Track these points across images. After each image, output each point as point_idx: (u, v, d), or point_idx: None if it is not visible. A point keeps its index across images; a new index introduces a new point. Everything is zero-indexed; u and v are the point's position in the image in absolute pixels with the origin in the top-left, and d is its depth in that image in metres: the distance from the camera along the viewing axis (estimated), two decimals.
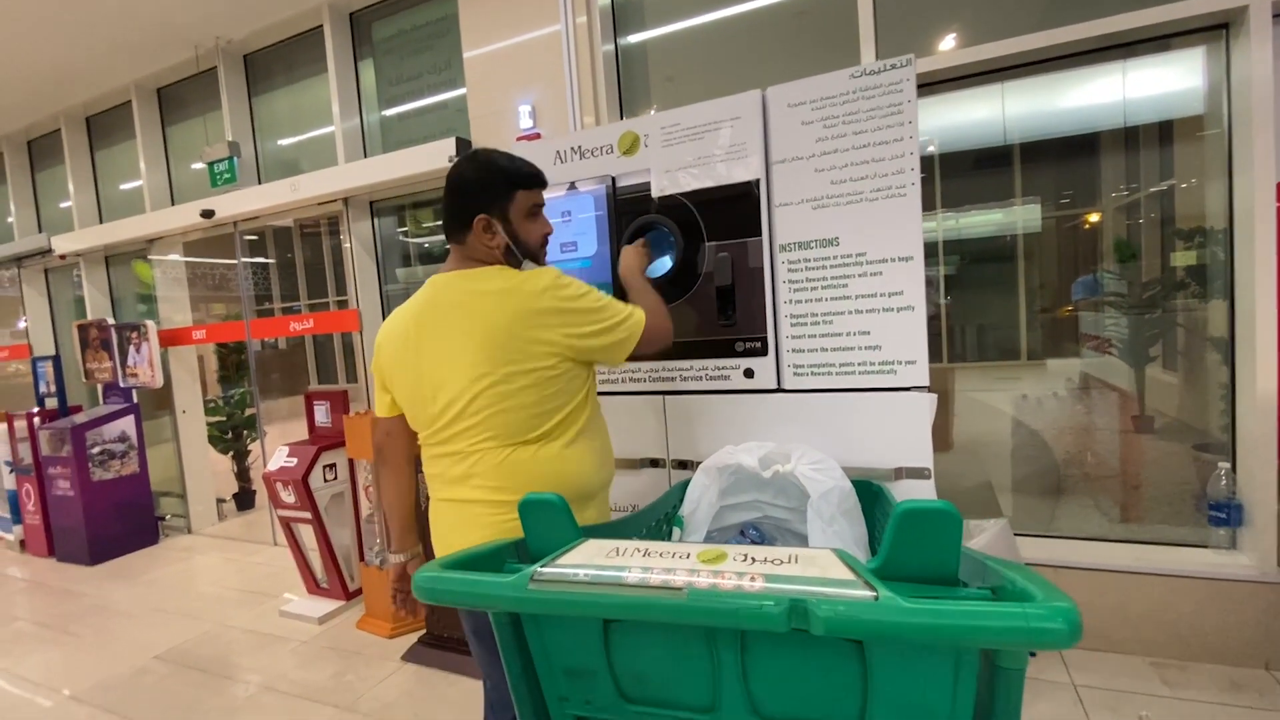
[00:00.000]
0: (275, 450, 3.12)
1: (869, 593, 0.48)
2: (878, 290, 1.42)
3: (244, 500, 5.00)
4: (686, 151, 1.58)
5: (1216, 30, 2.08)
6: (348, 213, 3.59)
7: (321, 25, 3.62)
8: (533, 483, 1.14)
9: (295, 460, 2.94)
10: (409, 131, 3.54)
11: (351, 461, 3.03)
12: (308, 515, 2.92)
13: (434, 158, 3.02)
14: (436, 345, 1.16)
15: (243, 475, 5.03)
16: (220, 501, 4.79)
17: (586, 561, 0.56)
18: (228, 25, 3.74)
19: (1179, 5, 2.00)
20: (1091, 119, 2.43)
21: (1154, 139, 2.41)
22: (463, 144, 3.02)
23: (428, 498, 1.29)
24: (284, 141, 4.06)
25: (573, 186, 1.72)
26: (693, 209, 1.59)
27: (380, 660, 2.53)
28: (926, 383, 1.41)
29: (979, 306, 2.87)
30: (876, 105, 1.39)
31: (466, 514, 1.18)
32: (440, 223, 3.77)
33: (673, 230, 1.60)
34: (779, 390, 1.55)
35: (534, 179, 1.26)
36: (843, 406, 1.48)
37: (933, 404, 1.40)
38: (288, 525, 3.06)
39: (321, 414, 3.17)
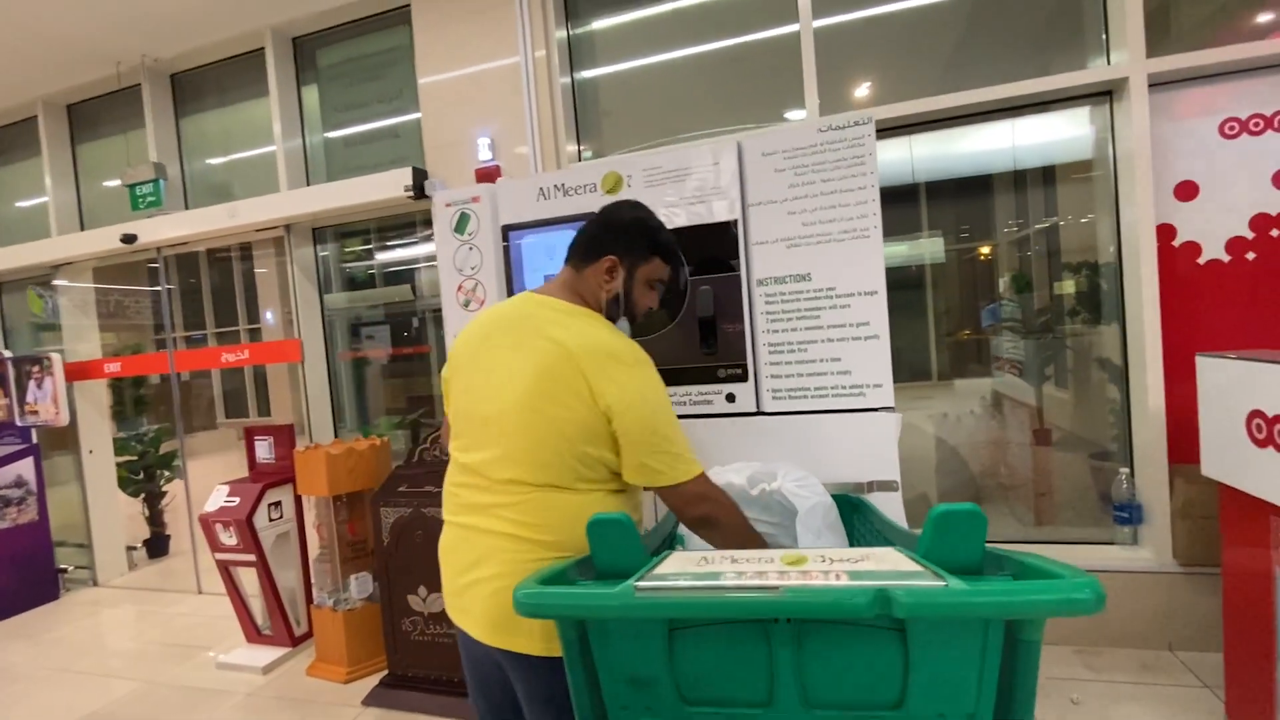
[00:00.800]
0: (213, 490, 2.94)
1: (938, 581, 0.58)
2: (847, 321, 1.57)
3: (157, 546, 4.60)
4: (668, 192, 1.70)
5: (1102, 95, 2.43)
6: (289, 238, 3.48)
7: (262, 49, 3.53)
8: (566, 525, 1.11)
9: (238, 499, 2.78)
10: (357, 159, 3.49)
11: (299, 499, 2.90)
12: (251, 557, 2.76)
13: (389, 186, 3.00)
14: (504, 355, 1.16)
15: (155, 519, 4.64)
16: (130, 549, 4.39)
17: (681, 570, 0.62)
18: (156, 44, 3.58)
19: (1075, 75, 2.33)
20: (989, 162, 2.75)
21: (1041, 181, 2.75)
22: (419, 174, 3.02)
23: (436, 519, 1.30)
24: (214, 163, 3.89)
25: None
26: None
27: (338, 707, 2.42)
28: (892, 404, 1.56)
29: (894, 331, 3.16)
30: (841, 156, 1.56)
31: (486, 545, 1.15)
32: (394, 244, 3.79)
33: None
34: (759, 413, 1.66)
35: (674, 256, 1.31)
36: (818, 427, 1.61)
37: (898, 423, 1.56)
38: (226, 569, 2.88)
39: (264, 449, 3.02)
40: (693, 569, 0.64)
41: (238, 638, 3.00)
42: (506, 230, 1.86)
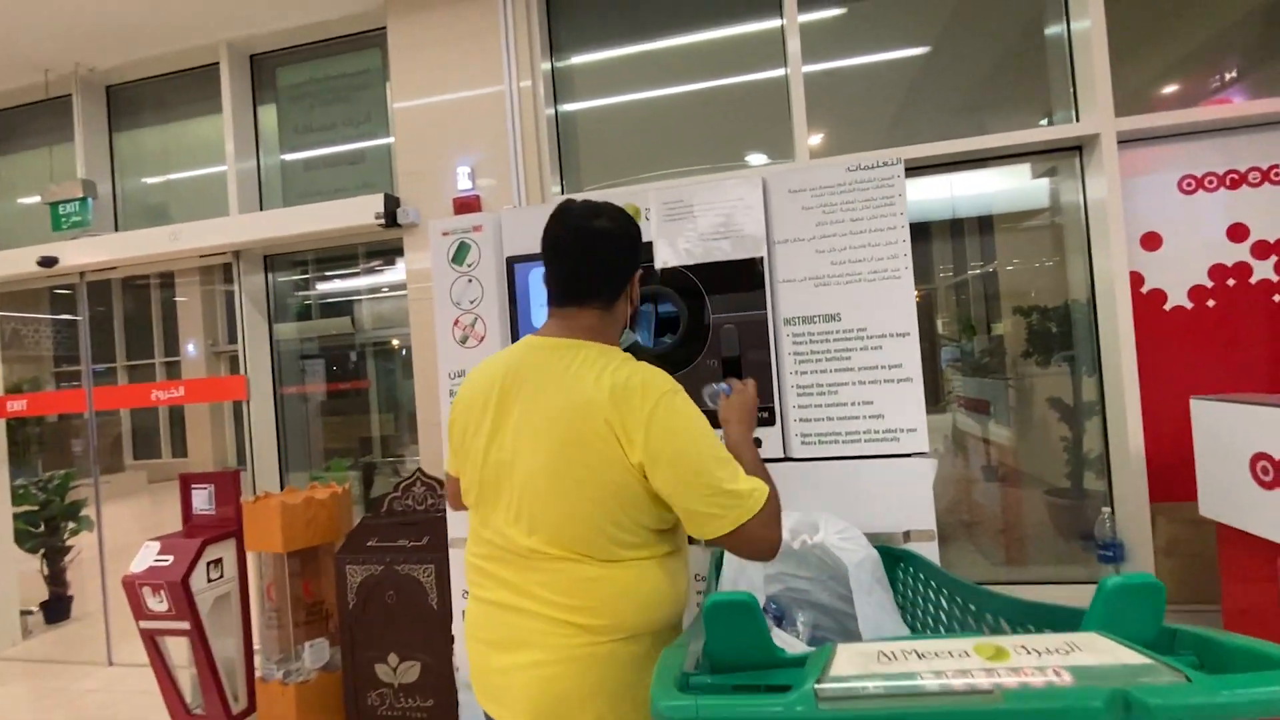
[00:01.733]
0: (131, 545, 2.58)
1: (1178, 676, 0.50)
2: (879, 363, 1.53)
3: (57, 610, 4.03)
4: (690, 227, 1.63)
5: (1071, 150, 2.56)
6: (238, 265, 3.21)
7: (212, 64, 3.31)
8: (611, 604, 1.00)
9: (171, 558, 2.45)
10: (316, 183, 3.28)
11: (243, 555, 2.59)
12: (184, 625, 2.42)
13: (358, 213, 2.81)
14: (523, 412, 1.03)
15: (56, 578, 4.08)
16: (25, 614, 3.82)
17: (866, 672, 0.52)
18: (92, 53, 3.29)
19: (1051, 129, 2.46)
20: (953, 208, 2.83)
21: (980, 230, 2.85)
22: (391, 201, 2.86)
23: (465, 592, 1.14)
24: (151, 182, 3.57)
25: None
26: (697, 281, 1.62)
27: None
28: (927, 449, 1.51)
29: None
30: (871, 197, 1.53)
31: (524, 627, 1.01)
32: (334, 274, 3.56)
33: (676, 303, 1.61)
34: (786, 459, 1.58)
35: None
36: (850, 473, 1.54)
37: (934, 469, 1.51)
38: (152, 639, 2.51)
39: (203, 499, 2.70)
40: (877, 668, 0.53)
41: (162, 717, 2.61)
42: (512, 262, 1.73)
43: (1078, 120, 2.52)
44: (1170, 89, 2.61)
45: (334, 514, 2.48)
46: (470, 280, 1.76)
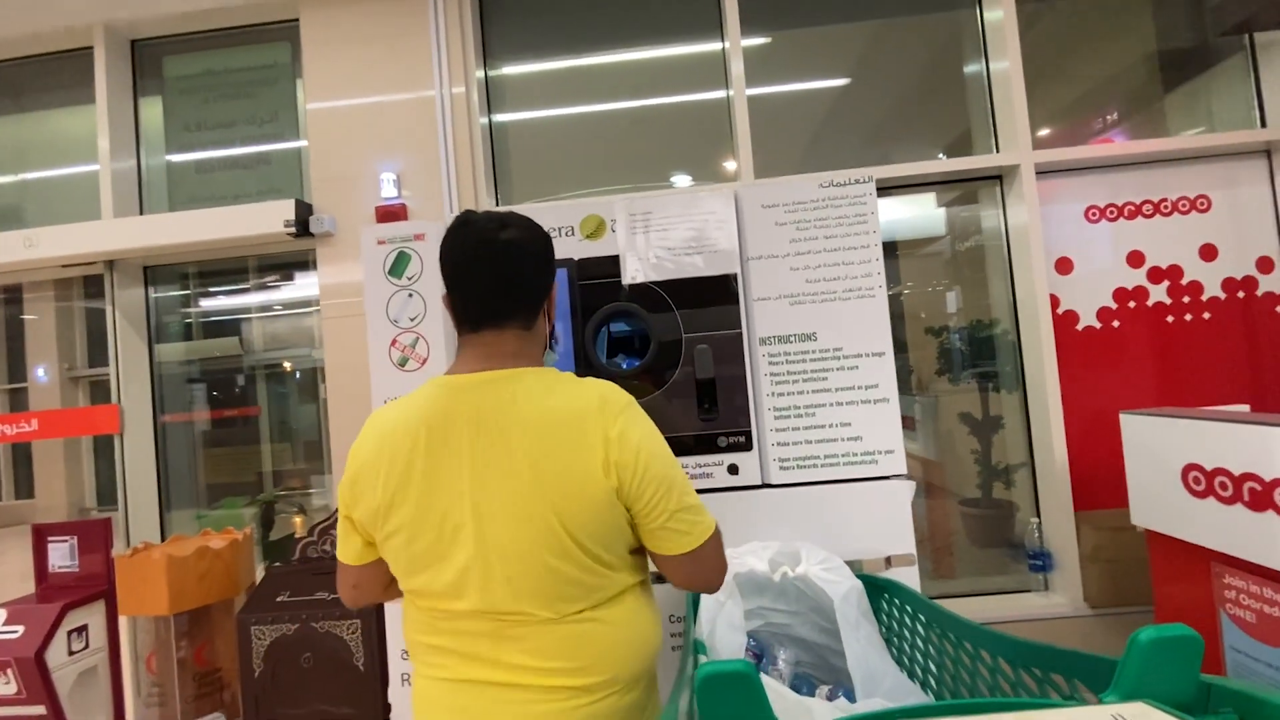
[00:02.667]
0: None
1: None
2: (856, 383, 1.48)
3: None
4: (659, 240, 1.53)
5: (992, 179, 2.71)
6: (111, 277, 2.78)
7: (81, 49, 2.88)
8: (612, 652, 0.91)
9: (21, 628, 2.01)
10: (213, 187, 2.92)
11: (115, 619, 2.19)
12: (39, 710, 1.99)
13: (264, 220, 2.51)
14: (478, 466, 0.87)
15: None
16: None
17: None
18: None
19: (973, 159, 2.59)
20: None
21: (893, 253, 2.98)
22: (303, 208, 2.57)
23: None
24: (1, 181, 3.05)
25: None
26: (667, 298, 1.52)
27: None
28: (905, 470, 1.48)
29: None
30: (844, 214, 1.51)
31: (506, 703, 0.88)
32: (219, 290, 3.17)
33: (645, 319, 1.50)
34: (765, 486, 1.50)
35: None
36: (829, 499, 1.48)
37: (912, 491, 1.48)
38: None
39: (62, 555, 2.26)
40: None
41: None
42: None
43: (998, 151, 2.68)
44: (1053, 130, 2.83)
45: (232, 565, 2.14)
46: (411, 295, 1.57)
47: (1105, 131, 2.93)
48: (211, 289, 3.16)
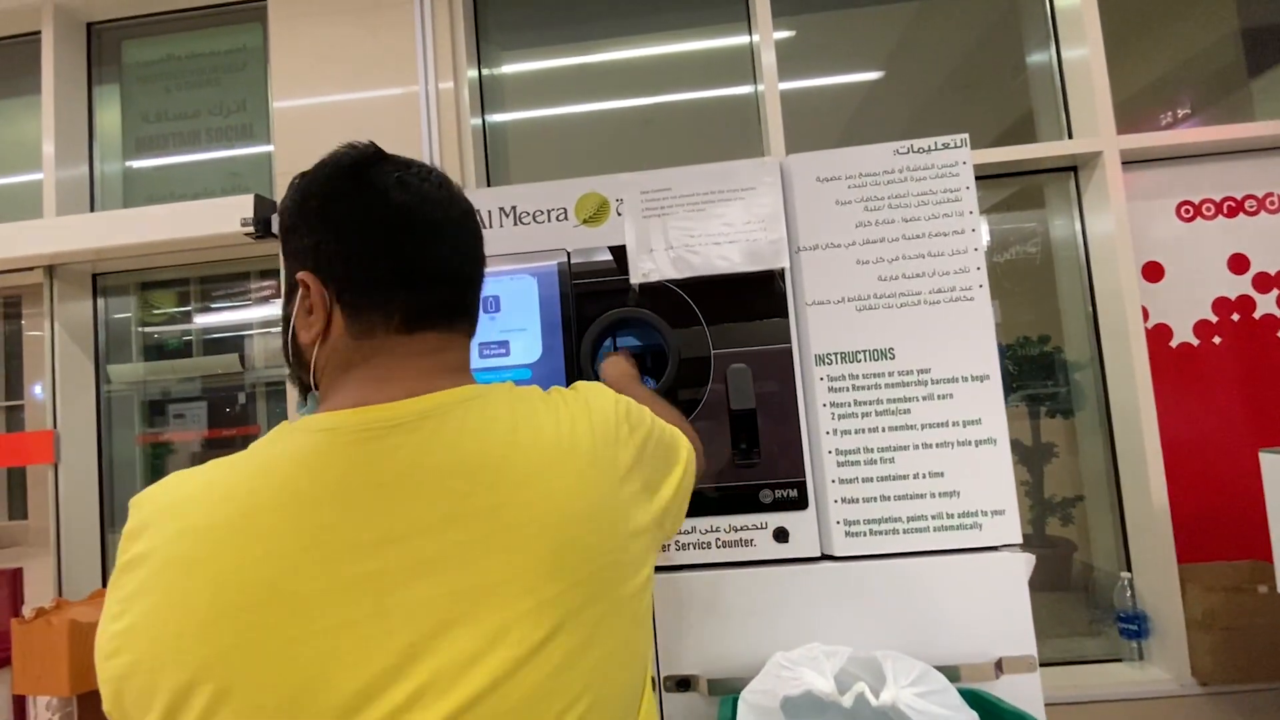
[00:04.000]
0: None
1: None
2: (950, 418, 1.09)
3: None
4: (680, 226, 1.15)
5: (1065, 170, 2.32)
6: (52, 286, 2.44)
7: (38, 32, 2.59)
8: None
9: None
10: (174, 185, 2.60)
11: (19, 700, 1.81)
12: None
13: (220, 219, 2.16)
14: (425, 566, 0.48)
15: None
16: None
17: None
18: None
19: (1046, 145, 2.22)
20: None
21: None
22: (265, 204, 2.23)
23: None
24: None
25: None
26: (690, 302, 1.14)
27: None
28: (1019, 539, 1.07)
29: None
30: (929, 189, 1.12)
31: None
32: (220, 300, 2.82)
33: (662, 330, 1.12)
34: (825, 558, 1.10)
35: None
36: (914, 578, 1.07)
37: (1030, 567, 1.07)
38: None
39: None
40: None
41: None
42: None
43: (1070, 138, 2.29)
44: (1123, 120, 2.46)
45: None
46: None
47: (1180, 123, 2.54)
48: (213, 301, 2.81)
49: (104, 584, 2.45)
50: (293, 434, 0.54)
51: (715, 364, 1.13)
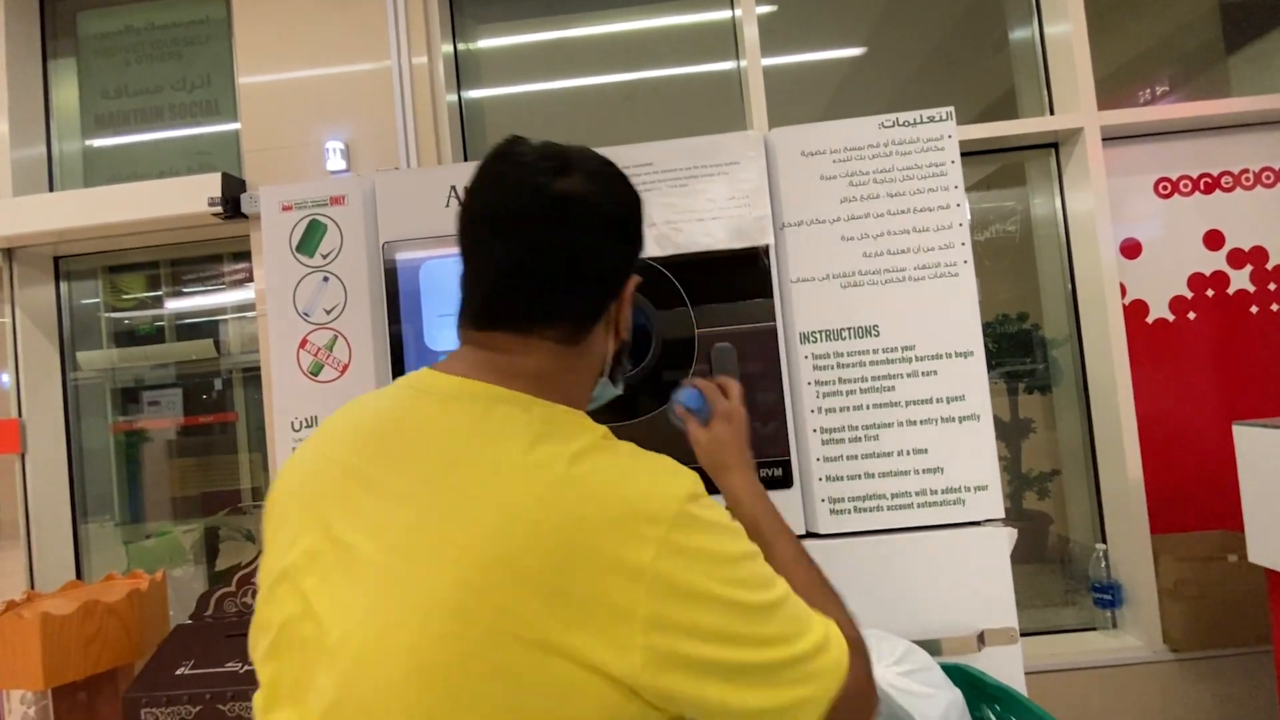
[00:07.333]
0: None
1: None
2: (934, 394, 1.09)
3: None
4: (661, 201, 1.13)
5: (1046, 148, 2.32)
6: (11, 270, 2.35)
7: None
8: None
9: None
10: (139, 163, 2.50)
11: None
12: None
13: (185, 198, 2.09)
14: (389, 522, 0.50)
15: None
16: None
17: None
18: None
19: (1026, 122, 2.21)
20: None
21: None
22: (233, 183, 2.16)
23: None
24: None
25: None
26: (673, 280, 1.12)
27: None
28: (1002, 514, 1.08)
29: None
30: (914, 164, 1.11)
31: None
32: (192, 283, 2.74)
33: (645, 310, 1.10)
34: (809, 535, 1.10)
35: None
36: (898, 553, 1.08)
37: (1012, 540, 1.08)
38: None
39: None
40: None
41: None
42: (392, 250, 1.15)
43: (1051, 114, 2.29)
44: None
45: (133, 622, 1.72)
46: (326, 278, 1.16)
47: (1159, 100, 2.56)
48: (186, 283, 2.72)
49: (78, 575, 2.41)
50: (399, 381, 0.62)
51: (699, 344, 1.11)
